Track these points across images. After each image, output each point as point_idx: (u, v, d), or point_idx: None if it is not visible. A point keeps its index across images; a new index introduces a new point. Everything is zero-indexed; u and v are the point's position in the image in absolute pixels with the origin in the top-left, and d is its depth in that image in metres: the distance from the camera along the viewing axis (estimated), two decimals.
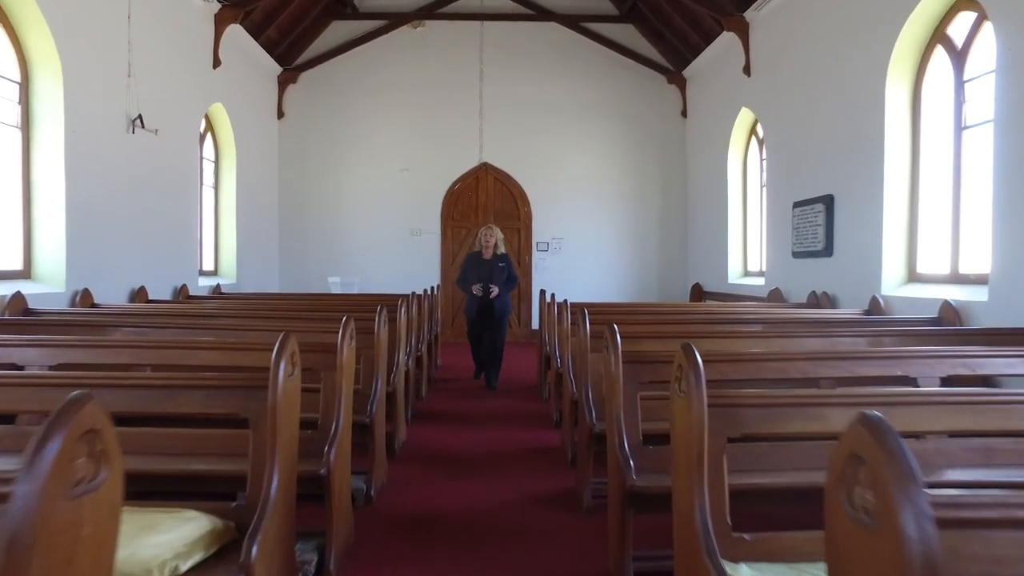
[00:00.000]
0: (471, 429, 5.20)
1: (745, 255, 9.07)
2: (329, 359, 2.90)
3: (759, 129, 8.45)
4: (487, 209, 10.70)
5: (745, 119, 8.76)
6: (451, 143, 10.59)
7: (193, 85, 7.56)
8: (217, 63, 7.97)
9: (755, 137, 8.73)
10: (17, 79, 5.10)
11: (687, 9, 9.19)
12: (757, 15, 7.86)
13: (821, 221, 6.52)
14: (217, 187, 8.79)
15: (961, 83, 5.00)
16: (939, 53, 5.26)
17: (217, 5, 7.78)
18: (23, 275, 5.17)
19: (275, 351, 2.03)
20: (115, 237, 5.99)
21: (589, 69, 10.69)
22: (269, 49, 9.65)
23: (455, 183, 10.72)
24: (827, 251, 6.46)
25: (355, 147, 10.63)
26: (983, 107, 4.75)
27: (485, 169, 10.70)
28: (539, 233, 10.77)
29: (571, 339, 4.64)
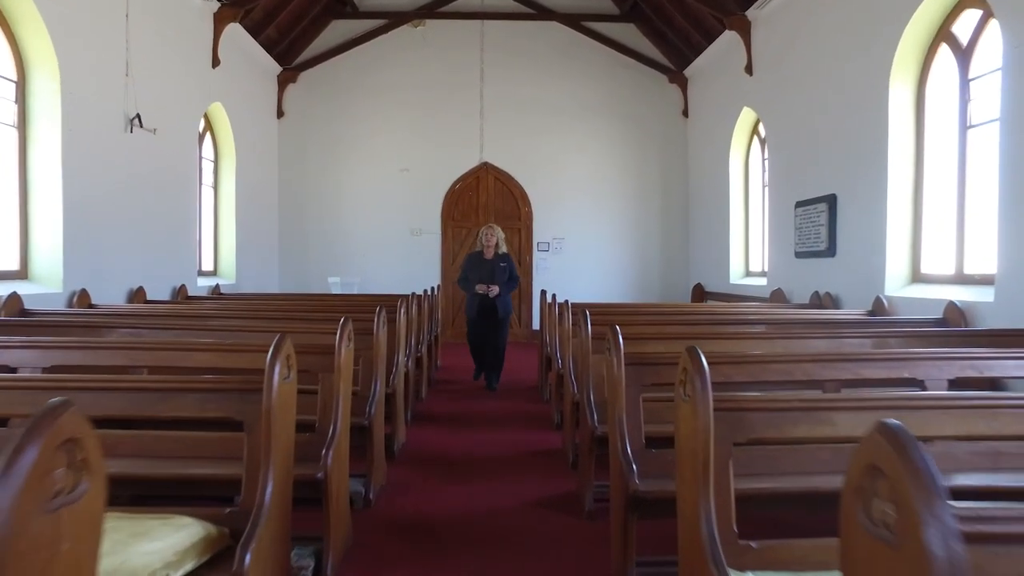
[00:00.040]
0: (471, 431, 5.16)
1: (747, 255, 9.02)
2: (327, 361, 2.86)
3: (761, 128, 8.40)
4: (488, 209, 10.65)
5: (747, 118, 8.71)
6: (451, 143, 10.55)
7: (192, 84, 7.51)
8: (216, 62, 7.93)
9: (757, 136, 8.69)
10: (13, 78, 5.07)
11: (689, 8, 9.15)
12: (759, 14, 7.81)
13: (824, 221, 6.47)
14: (216, 187, 8.74)
15: (966, 81, 4.96)
16: (944, 51, 5.21)
17: (216, 4, 7.74)
18: (20, 275, 5.14)
19: (270, 353, 1.99)
20: (113, 237, 5.95)
21: (590, 68, 10.64)
22: (269, 48, 9.61)
23: (455, 183, 10.68)
24: (830, 251, 6.41)
25: (355, 147, 10.59)
26: (988, 106, 4.70)
27: (486, 169, 10.66)
28: (540, 233, 10.72)
29: (572, 340, 4.60)
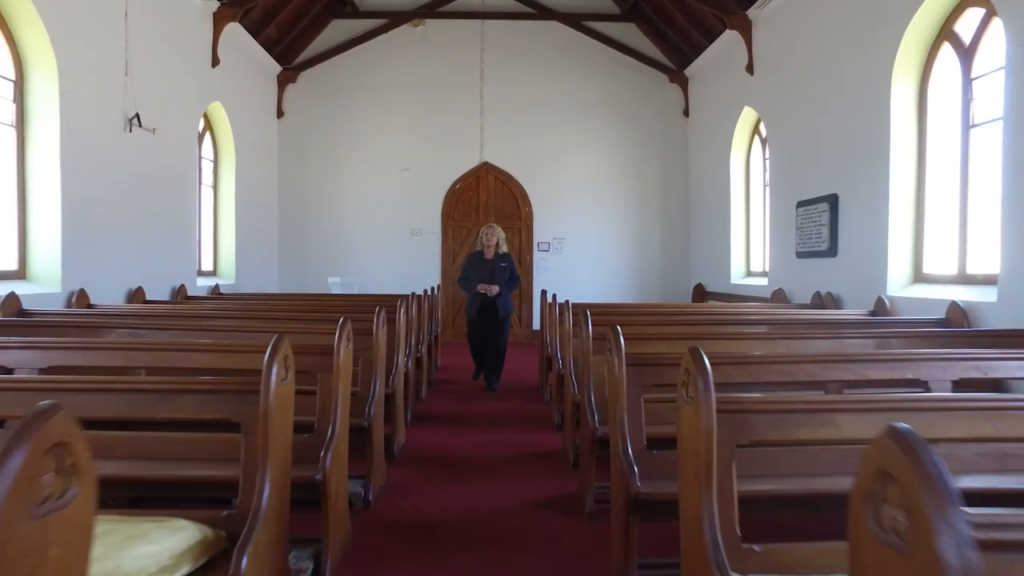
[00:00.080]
0: (471, 431, 5.14)
1: (748, 255, 8.99)
2: (325, 361, 2.84)
3: (762, 128, 8.38)
4: (488, 209, 10.63)
5: (748, 118, 8.68)
6: (452, 142, 10.52)
7: (191, 84, 7.49)
8: (216, 62, 7.91)
9: (758, 136, 8.66)
10: (12, 77, 5.05)
11: (689, 7, 9.12)
12: (760, 13, 7.78)
13: (825, 221, 6.45)
14: (216, 187, 8.72)
15: (969, 80, 4.93)
16: (946, 50, 5.18)
17: (216, 3, 7.72)
18: (18, 275, 5.12)
19: (267, 354, 1.97)
20: (112, 237, 5.93)
21: (590, 68, 10.62)
22: (268, 48, 9.59)
23: (456, 183, 10.65)
24: (831, 251, 6.38)
25: (355, 147, 10.57)
26: (991, 105, 4.67)
27: (486, 169, 10.63)
28: (540, 233, 10.70)
29: (573, 340, 4.57)
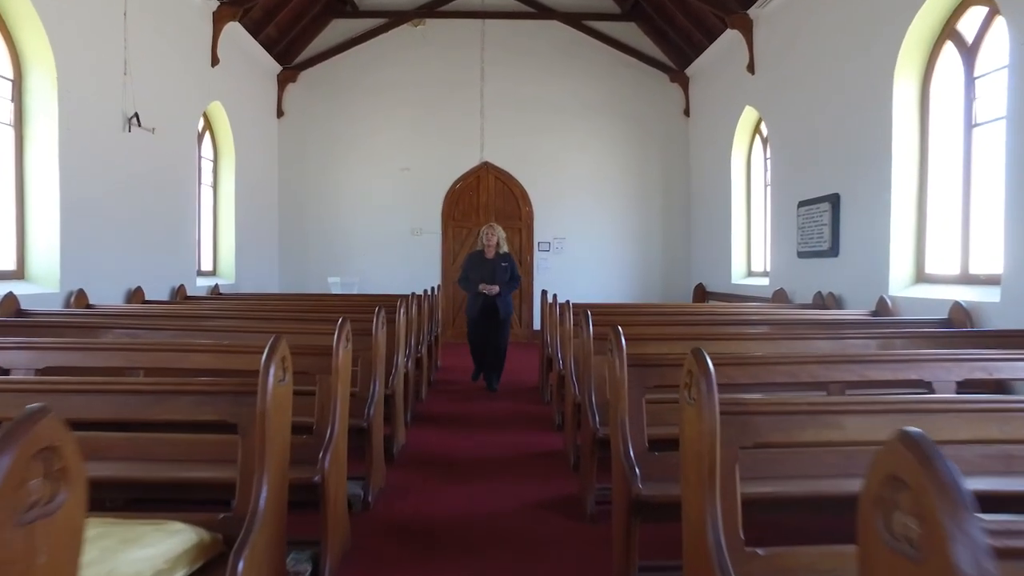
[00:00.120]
0: (471, 432, 5.11)
1: (749, 255, 8.96)
2: (324, 362, 2.81)
3: (763, 128, 8.35)
4: (488, 209, 10.61)
5: (749, 117, 8.66)
6: (452, 142, 10.50)
7: (191, 83, 7.47)
8: (215, 61, 7.88)
9: (759, 136, 8.63)
10: (10, 76, 5.02)
11: (690, 7, 9.10)
12: (761, 12, 7.76)
13: (827, 220, 6.42)
14: (216, 186, 8.70)
15: (971, 79, 4.91)
16: (948, 49, 5.16)
17: (215, 2, 7.70)
18: (16, 275, 5.10)
19: (264, 355, 1.94)
20: (111, 237, 5.90)
21: (591, 67, 10.59)
22: (268, 47, 9.56)
23: (456, 182, 10.63)
24: (833, 251, 6.36)
25: (355, 146, 10.54)
26: (994, 104, 4.65)
27: (486, 168, 10.61)
28: (541, 233, 10.67)
29: (573, 341, 4.55)
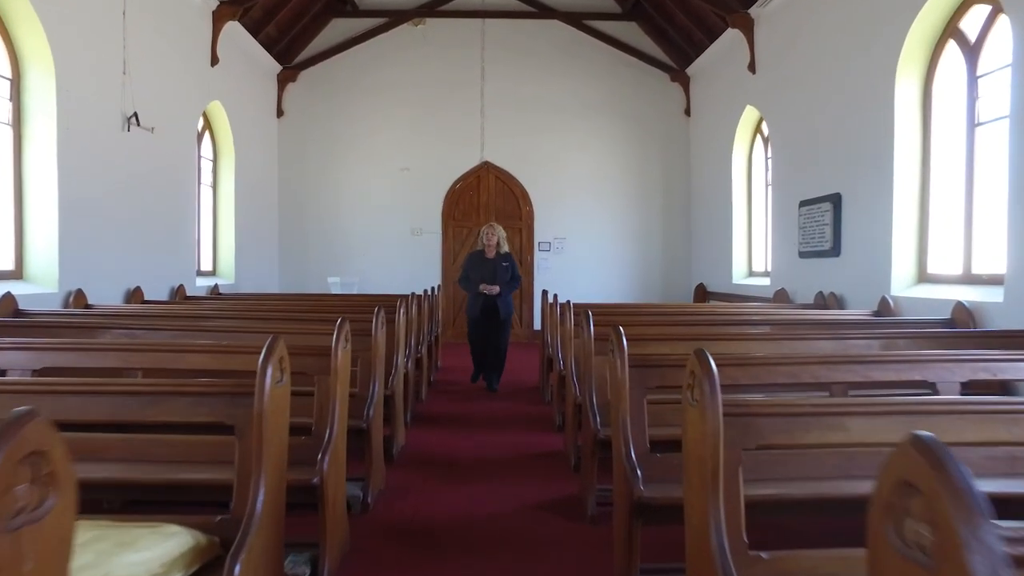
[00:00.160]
0: (472, 433, 5.09)
1: (750, 255, 8.94)
2: (323, 363, 2.79)
3: (764, 127, 8.33)
4: (488, 208, 10.58)
5: (750, 117, 8.63)
6: (452, 142, 10.48)
7: (190, 83, 7.45)
8: (215, 61, 7.86)
9: (760, 135, 8.61)
10: (8, 74, 5.00)
11: (691, 6, 9.07)
12: (762, 11, 7.73)
13: (828, 220, 6.40)
14: (215, 186, 8.68)
15: (974, 78, 4.88)
16: (951, 47, 5.13)
17: (215, 2, 7.68)
18: (14, 275, 5.07)
19: (262, 356, 1.92)
20: (110, 237, 5.88)
21: (592, 67, 10.57)
22: (268, 47, 9.54)
23: (456, 182, 10.61)
24: (834, 251, 6.33)
25: (355, 146, 10.52)
26: (997, 103, 4.62)
27: (486, 168, 10.59)
28: (541, 232, 10.65)
29: (574, 341, 4.52)
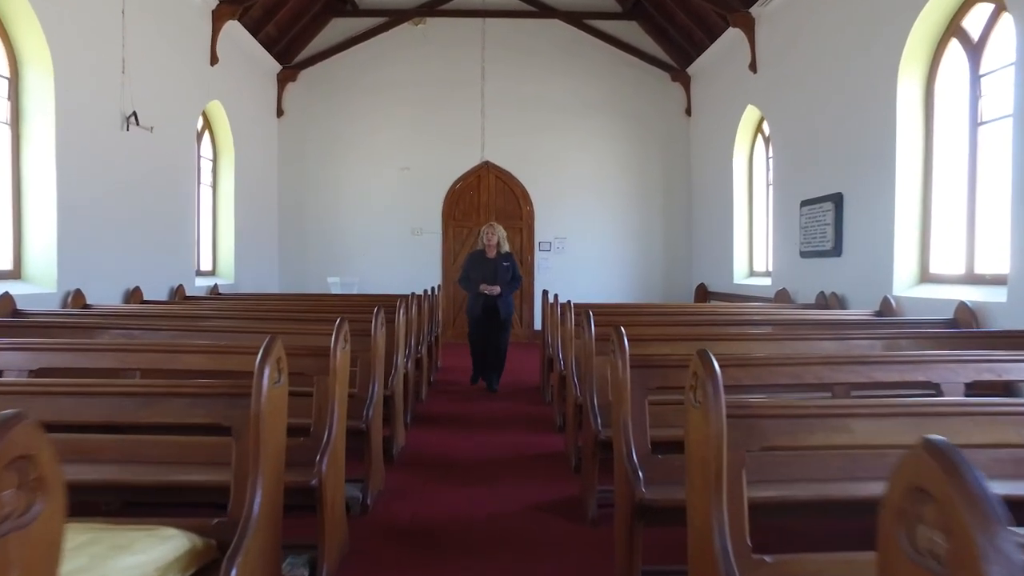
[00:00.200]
0: (472, 433, 5.07)
1: (751, 255, 8.91)
2: (322, 363, 2.77)
3: (765, 127, 8.30)
4: (489, 208, 10.56)
5: (751, 116, 8.61)
6: (452, 141, 10.45)
7: (190, 82, 7.43)
8: (215, 60, 7.84)
9: (761, 135, 8.58)
10: (6, 73, 4.98)
11: (691, 5, 9.05)
12: (763, 11, 7.71)
13: (830, 220, 6.37)
14: (215, 186, 8.65)
15: (977, 77, 4.85)
16: (954, 46, 5.10)
17: (214, 1, 7.65)
18: (12, 275, 5.05)
19: (259, 357, 1.89)
20: (109, 236, 5.86)
21: (592, 67, 10.54)
22: (268, 46, 9.52)
23: (456, 182, 10.58)
24: (836, 251, 6.31)
25: (355, 145, 10.50)
26: (1000, 101, 4.60)
27: (487, 167, 10.56)
28: (541, 232, 10.62)
29: (575, 341, 4.50)
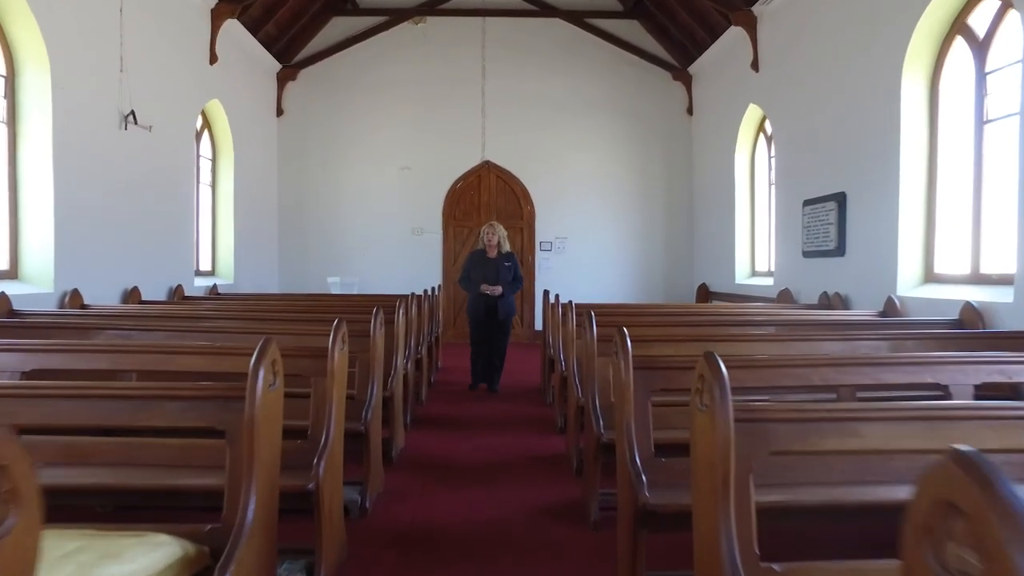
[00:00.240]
0: (472, 435, 5.02)
1: (753, 255, 8.86)
2: (319, 364, 2.72)
3: (767, 126, 8.25)
4: (489, 208, 10.51)
5: (753, 115, 8.55)
6: (453, 141, 10.41)
7: (189, 81, 7.38)
8: (214, 59, 7.79)
9: (763, 134, 8.53)
10: (3, 72, 4.94)
11: (693, 4, 9.00)
12: (765, 9, 7.66)
13: (833, 219, 6.32)
14: (214, 185, 8.61)
15: (983, 75, 4.80)
16: (959, 44, 5.05)
17: (214, 0, 7.61)
18: (9, 275, 5.01)
19: (253, 359, 1.85)
20: (107, 236, 5.81)
21: (593, 66, 10.49)
22: (268, 45, 9.47)
23: (457, 181, 10.54)
24: (839, 250, 6.26)
25: (355, 145, 10.45)
26: (1007, 100, 4.55)
27: (487, 167, 10.52)
28: (542, 232, 10.58)
29: (576, 342, 4.45)
